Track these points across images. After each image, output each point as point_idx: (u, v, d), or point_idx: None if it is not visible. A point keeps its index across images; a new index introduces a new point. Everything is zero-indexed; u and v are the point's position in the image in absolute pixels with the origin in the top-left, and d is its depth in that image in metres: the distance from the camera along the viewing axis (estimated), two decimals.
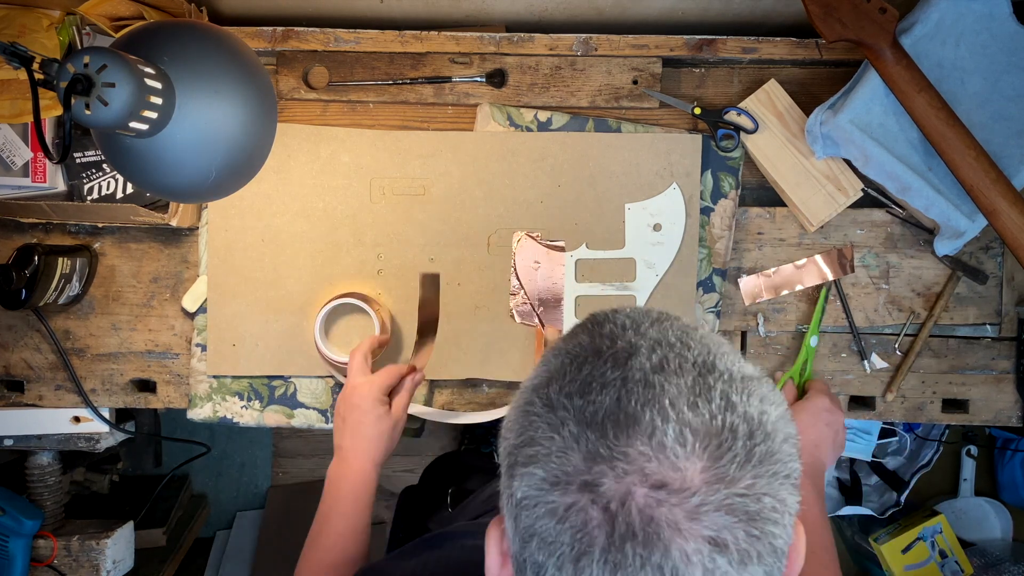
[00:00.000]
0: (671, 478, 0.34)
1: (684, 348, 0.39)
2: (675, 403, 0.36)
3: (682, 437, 0.35)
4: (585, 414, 0.36)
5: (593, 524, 0.35)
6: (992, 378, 0.93)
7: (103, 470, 1.35)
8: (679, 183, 0.89)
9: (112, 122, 0.56)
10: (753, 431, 0.36)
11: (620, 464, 0.35)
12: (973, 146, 0.79)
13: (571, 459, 0.36)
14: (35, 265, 0.82)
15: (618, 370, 0.38)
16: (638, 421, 0.35)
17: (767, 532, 0.35)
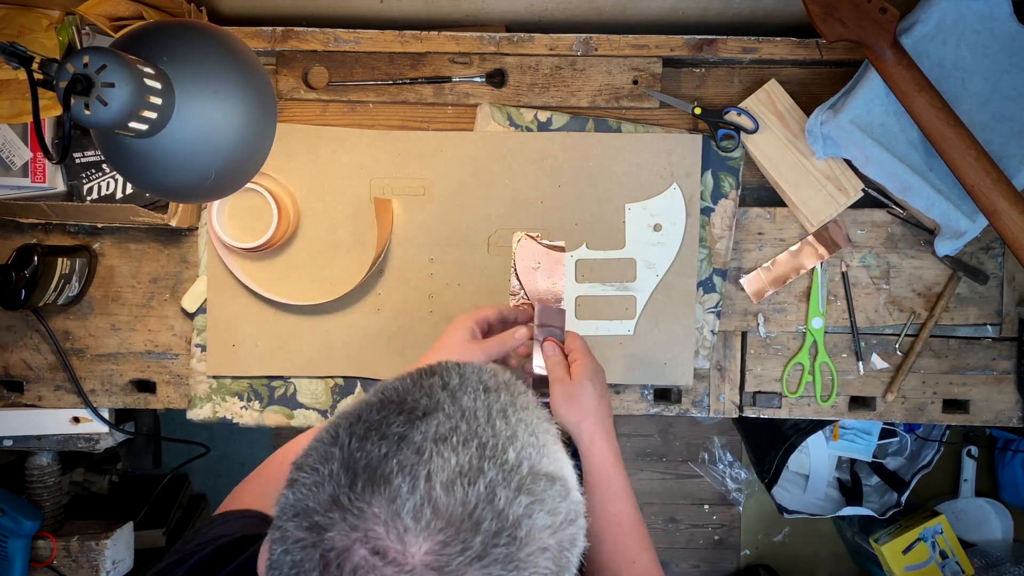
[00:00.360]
0: (392, 549, 0.34)
1: (487, 425, 0.38)
2: (432, 477, 0.35)
3: (420, 513, 0.34)
4: (352, 459, 0.37)
5: (310, 566, 0.35)
6: (993, 378, 0.93)
7: (103, 471, 1.34)
8: (679, 183, 0.89)
9: (112, 122, 0.56)
10: (500, 531, 0.35)
11: (351, 519, 0.35)
12: (974, 146, 0.78)
13: (318, 496, 0.36)
14: (34, 265, 0.82)
15: (404, 427, 0.37)
16: (388, 482, 0.35)
17: None
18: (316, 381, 0.91)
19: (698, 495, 1.70)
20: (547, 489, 0.38)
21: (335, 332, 0.89)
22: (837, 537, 1.67)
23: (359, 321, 0.89)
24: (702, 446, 1.70)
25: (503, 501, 0.36)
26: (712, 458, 1.70)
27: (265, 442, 1.70)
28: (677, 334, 0.89)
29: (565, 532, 0.38)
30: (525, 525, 0.36)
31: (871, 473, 1.45)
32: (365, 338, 0.89)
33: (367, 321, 0.89)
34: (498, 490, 0.36)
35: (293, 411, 0.91)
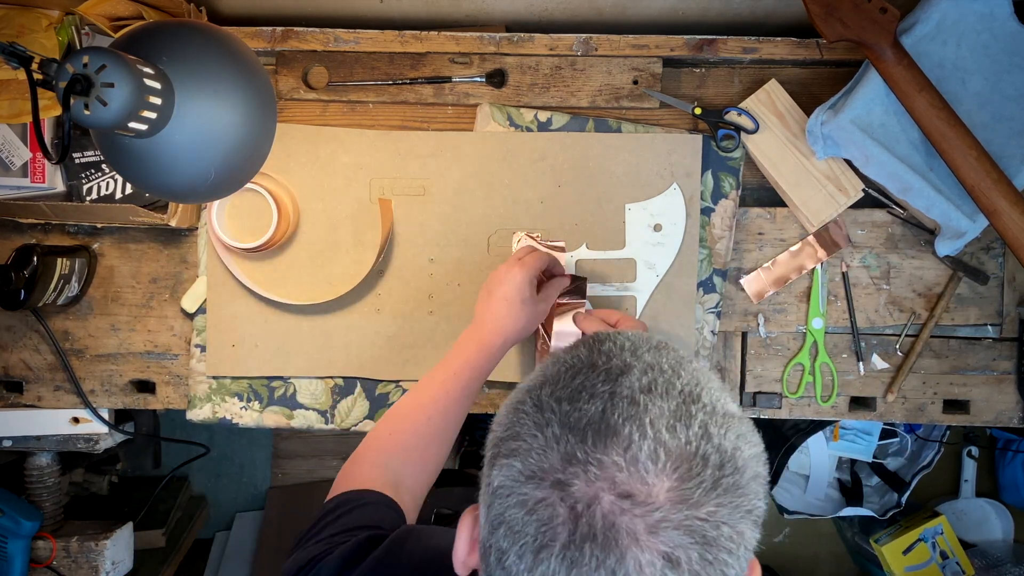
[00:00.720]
0: (638, 490, 0.36)
1: (674, 376, 0.41)
2: (655, 423, 0.38)
3: (655, 455, 0.37)
4: (570, 419, 0.39)
5: (558, 520, 0.37)
6: (993, 379, 0.92)
7: (102, 471, 1.34)
8: (679, 183, 0.89)
9: (111, 122, 0.56)
10: (724, 463, 0.38)
11: (593, 469, 0.37)
12: (974, 146, 0.78)
13: (549, 457, 0.38)
14: (34, 266, 0.82)
15: (608, 384, 0.40)
16: (617, 433, 0.37)
17: (720, 559, 0.37)
18: (316, 381, 0.90)
19: None
20: (740, 424, 0.41)
21: (335, 332, 0.89)
22: (837, 538, 1.67)
23: (359, 321, 0.89)
24: None
25: (717, 437, 0.38)
26: None
27: (265, 442, 1.70)
28: (677, 334, 0.89)
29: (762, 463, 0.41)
30: (739, 456, 0.39)
31: (871, 473, 1.45)
32: (365, 338, 0.89)
33: (367, 321, 0.89)
34: (710, 428, 0.39)
35: (293, 411, 0.91)
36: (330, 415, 0.91)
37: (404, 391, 0.90)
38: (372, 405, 0.90)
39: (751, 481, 0.39)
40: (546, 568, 0.37)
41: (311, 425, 0.91)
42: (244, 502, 1.69)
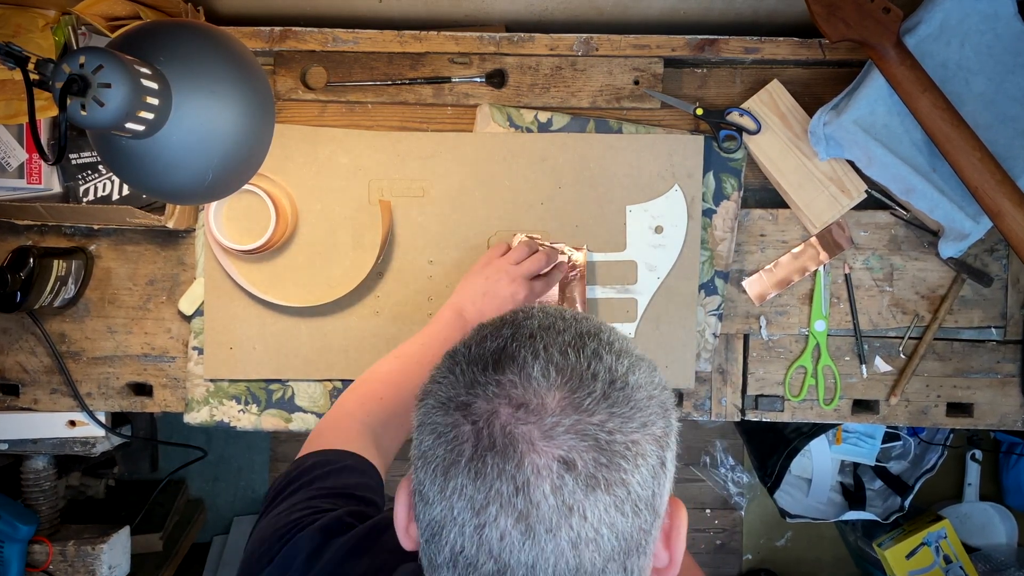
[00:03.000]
0: (531, 401, 0.40)
1: (575, 321, 0.45)
2: (548, 348, 0.42)
3: (547, 371, 0.40)
4: (474, 355, 0.43)
5: (463, 439, 0.40)
6: (997, 381, 0.92)
7: (99, 475, 1.34)
8: (681, 185, 0.88)
9: (108, 123, 0.55)
10: (614, 380, 0.41)
11: (492, 388, 0.40)
12: (978, 147, 0.78)
13: (456, 388, 0.42)
14: (30, 267, 0.81)
15: (511, 328, 0.44)
16: (514, 358, 0.41)
17: (616, 464, 0.39)
18: (314, 384, 0.90)
19: (700, 499, 1.69)
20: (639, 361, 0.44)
21: (333, 335, 0.88)
22: (840, 541, 1.66)
23: (358, 323, 0.89)
24: (704, 450, 1.69)
25: (608, 360, 0.42)
26: (714, 462, 1.69)
27: (263, 445, 1.69)
28: (678, 337, 0.89)
29: (664, 394, 0.43)
30: (631, 377, 0.42)
31: (874, 477, 1.44)
32: (364, 340, 0.89)
33: (366, 323, 0.89)
34: (602, 353, 0.42)
35: (291, 414, 0.90)
36: None
37: None
38: None
39: (645, 400, 0.41)
40: (455, 484, 0.39)
41: (310, 428, 0.90)
42: (242, 506, 1.68)
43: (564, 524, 0.38)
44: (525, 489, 0.38)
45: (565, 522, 0.38)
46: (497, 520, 0.38)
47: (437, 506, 0.40)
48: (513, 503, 0.38)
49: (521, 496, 0.38)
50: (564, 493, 0.38)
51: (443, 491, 0.40)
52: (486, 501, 0.38)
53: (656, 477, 0.41)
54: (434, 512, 0.40)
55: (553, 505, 0.38)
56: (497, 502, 0.38)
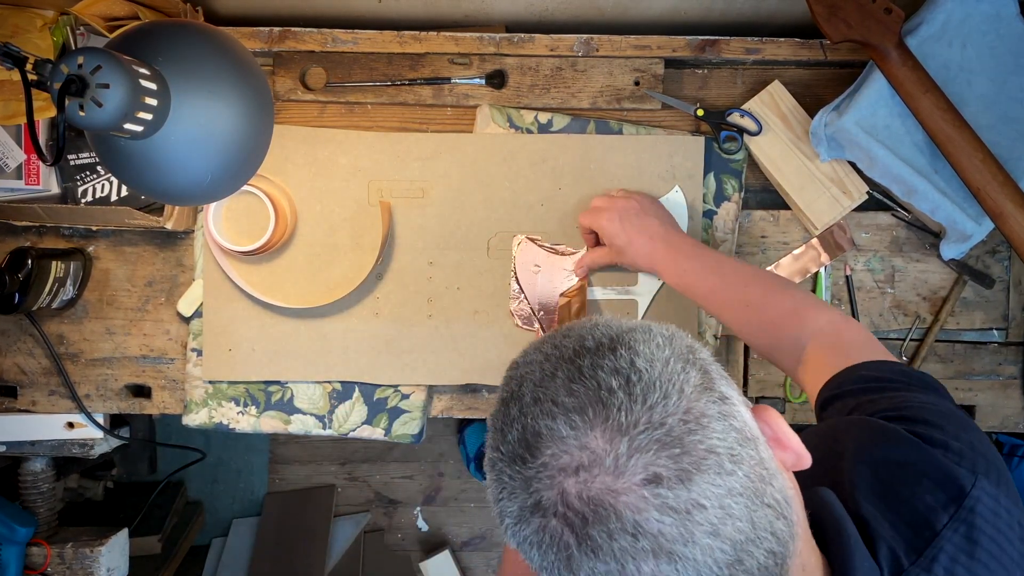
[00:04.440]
0: (582, 458, 0.38)
1: (557, 351, 0.43)
2: (556, 400, 0.40)
3: (571, 422, 0.39)
4: (509, 455, 0.41)
5: (559, 534, 0.39)
6: (999, 383, 0.92)
7: (97, 476, 1.33)
8: (681, 186, 0.88)
9: (106, 124, 0.55)
10: (628, 377, 0.40)
11: (544, 473, 0.39)
12: (980, 148, 0.78)
13: (517, 495, 0.41)
14: (28, 269, 0.81)
15: (516, 405, 0.42)
16: (540, 435, 0.40)
17: (688, 444, 0.38)
18: (313, 386, 0.89)
19: None
20: (631, 336, 0.42)
21: (333, 336, 0.88)
22: None
23: (357, 325, 0.88)
24: None
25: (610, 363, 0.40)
26: None
27: (262, 447, 1.69)
28: None
29: (675, 344, 0.42)
30: (639, 361, 0.40)
31: None
32: (363, 342, 0.88)
33: (365, 325, 0.88)
34: (600, 361, 0.41)
35: (290, 416, 0.89)
36: (328, 420, 0.89)
37: (403, 396, 0.89)
38: (370, 410, 0.89)
39: (663, 368, 0.40)
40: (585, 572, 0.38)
41: (309, 430, 0.90)
42: (241, 508, 1.68)
43: (693, 527, 0.37)
44: (640, 530, 0.37)
45: (692, 526, 0.37)
46: (640, 570, 0.37)
47: None
48: (641, 547, 0.37)
49: (643, 538, 0.37)
50: (670, 504, 0.37)
51: None
52: (620, 564, 0.37)
53: (728, 416, 0.40)
54: None
55: (672, 522, 0.37)
56: (627, 558, 0.37)
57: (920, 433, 0.52)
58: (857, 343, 0.65)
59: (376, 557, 1.62)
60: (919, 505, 0.48)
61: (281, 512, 1.63)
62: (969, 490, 0.48)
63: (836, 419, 0.56)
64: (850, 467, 0.51)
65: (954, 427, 0.52)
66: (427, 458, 1.70)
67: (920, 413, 0.54)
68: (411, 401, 0.89)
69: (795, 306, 0.71)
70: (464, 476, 1.69)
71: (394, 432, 0.90)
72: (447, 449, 1.70)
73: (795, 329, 0.69)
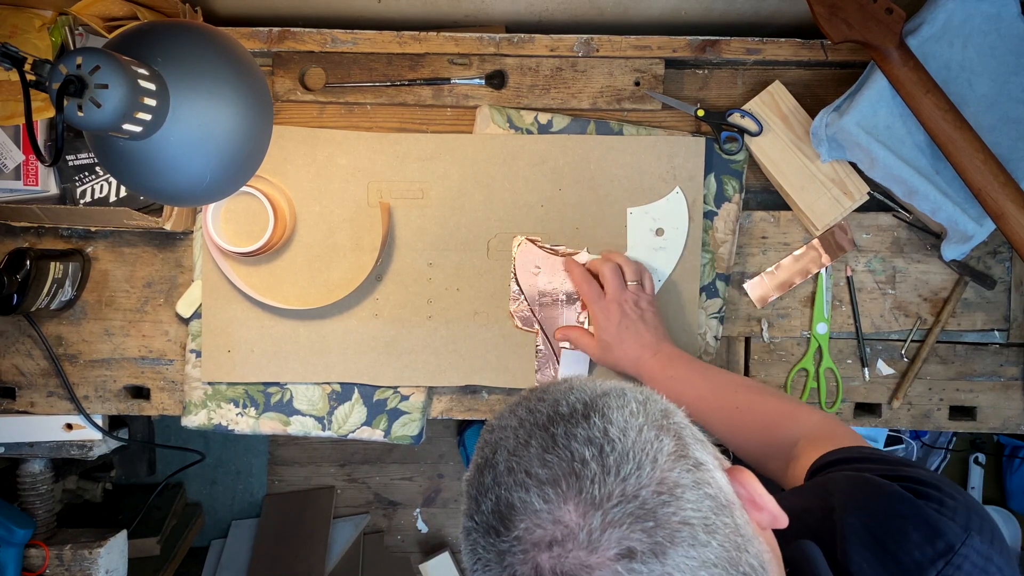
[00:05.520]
0: (555, 532, 0.38)
1: (531, 416, 0.43)
2: (530, 471, 0.40)
3: (544, 494, 0.39)
4: (483, 526, 0.41)
5: None
6: (1000, 385, 0.91)
7: (96, 478, 1.33)
8: (682, 187, 0.87)
9: (105, 124, 0.55)
10: (601, 447, 0.39)
11: (517, 547, 0.39)
12: (981, 149, 0.77)
13: (491, 568, 0.40)
14: (27, 270, 0.81)
15: (490, 473, 0.42)
16: (513, 506, 0.40)
17: (662, 517, 0.37)
18: (313, 387, 0.89)
19: None
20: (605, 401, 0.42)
21: (332, 337, 0.88)
22: None
23: (357, 326, 0.88)
24: None
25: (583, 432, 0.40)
26: None
27: (261, 449, 1.68)
28: (680, 340, 0.88)
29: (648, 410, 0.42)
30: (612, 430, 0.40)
31: None
32: (363, 343, 0.88)
33: (365, 326, 0.88)
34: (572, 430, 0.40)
35: (289, 418, 0.89)
36: (327, 421, 0.89)
37: (403, 397, 0.89)
38: (369, 411, 0.89)
39: (636, 437, 0.40)
40: None
41: (308, 431, 0.90)
42: (240, 509, 1.68)
43: None
44: None
45: None
46: None
47: None
48: None
49: None
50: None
51: None
52: None
53: (701, 485, 0.39)
54: None
55: None
56: None
57: (914, 489, 0.52)
58: (849, 437, 0.64)
59: (375, 559, 1.61)
60: (907, 560, 0.48)
61: (280, 514, 1.63)
62: (959, 547, 0.48)
63: (830, 475, 0.56)
64: (841, 519, 0.51)
65: (949, 488, 0.53)
66: (427, 459, 1.70)
67: (916, 473, 0.54)
68: (411, 402, 0.89)
69: (787, 408, 0.71)
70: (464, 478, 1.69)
71: (394, 433, 0.90)
72: (447, 450, 1.70)
73: (788, 429, 0.69)
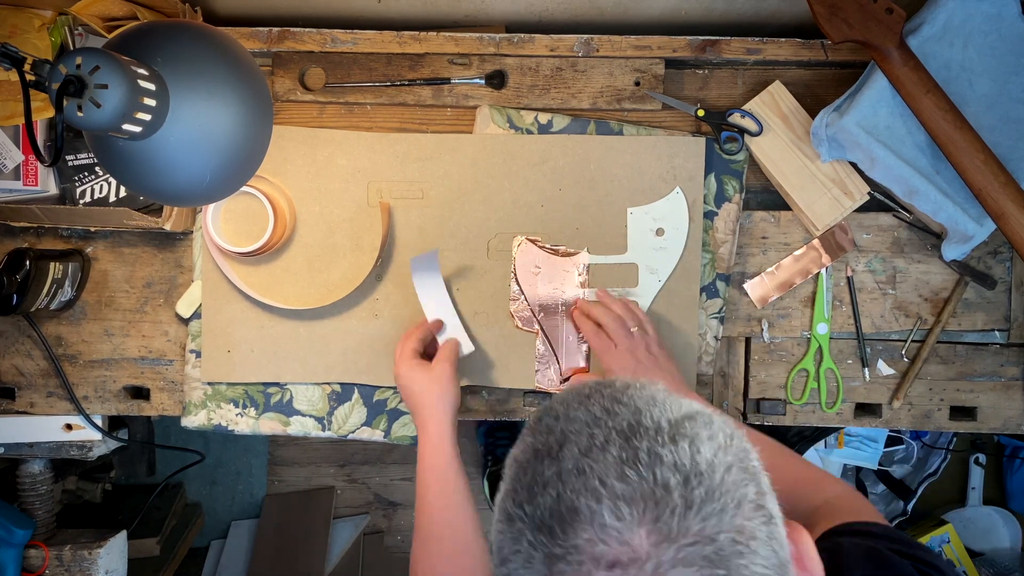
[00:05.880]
0: (620, 553, 0.36)
1: (610, 418, 0.40)
2: (605, 481, 0.37)
3: (618, 511, 0.36)
4: (535, 520, 0.38)
5: None
6: (1001, 385, 0.91)
7: (95, 478, 1.33)
8: (682, 187, 0.87)
9: (105, 124, 0.54)
10: (688, 477, 0.37)
11: (574, 557, 0.36)
12: (981, 149, 0.77)
13: (536, 567, 0.38)
14: (26, 270, 0.80)
15: (553, 465, 0.39)
16: (578, 512, 0.37)
17: (734, 566, 0.36)
18: (313, 387, 0.89)
19: None
20: (693, 426, 0.40)
21: (332, 338, 0.88)
22: None
23: (357, 326, 0.88)
24: None
25: (670, 456, 0.37)
26: None
27: (261, 449, 1.68)
28: (680, 340, 0.88)
29: (733, 447, 0.40)
30: (701, 460, 0.38)
31: (877, 481, 1.43)
32: (363, 344, 0.88)
33: (365, 326, 0.88)
34: (659, 451, 0.38)
35: (289, 418, 0.89)
36: (327, 422, 0.89)
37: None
38: (369, 411, 0.89)
39: (725, 474, 0.38)
40: None
41: (308, 432, 0.90)
42: (240, 510, 1.67)
43: None
44: None
45: None
46: None
47: None
48: None
49: None
50: None
51: None
52: None
53: (772, 539, 0.38)
54: None
55: None
56: None
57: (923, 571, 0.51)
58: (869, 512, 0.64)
59: (375, 559, 1.61)
60: None
61: (280, 514, 1.62)
62: None
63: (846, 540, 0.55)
64: None
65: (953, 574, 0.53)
66: None
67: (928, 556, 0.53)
68: None
69: (813, 475, 0.70)
70: None
71: (394, 434, 0.90)
72: None
73: (812, 496, 0.68)
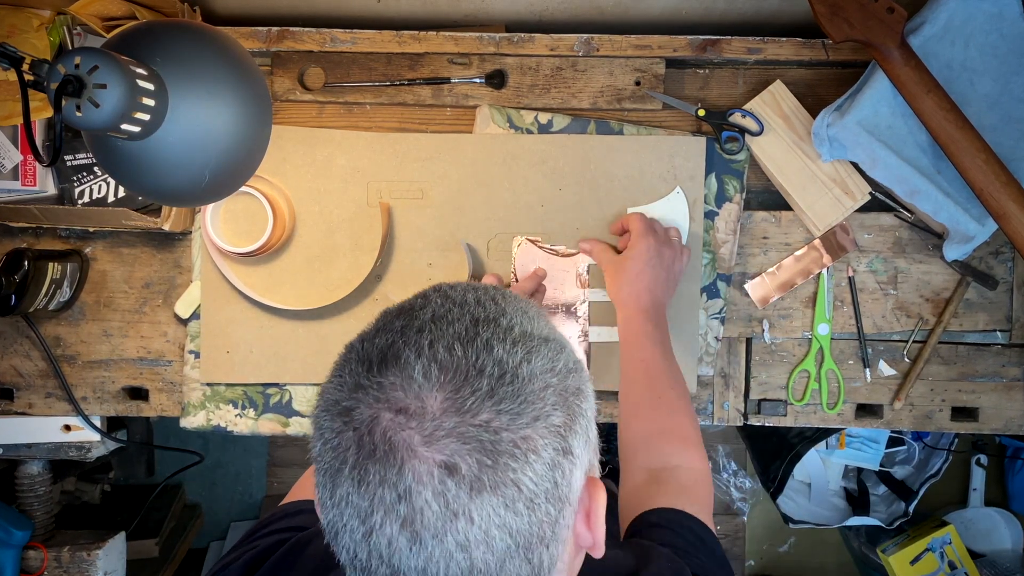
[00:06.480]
0: (412, 405, 0.38)
1: (476, 306, 0.43)
2: (434, 344, 0.40)
3: (428, 371, 0.39)
4: (363, 353, 0.42)
5: (346, 446, 0.39)
6: (1002, 385, 0.91)
7: (94, 479, 1.32)
8: (683, 187, 0.87)
9: (103, 124, 0.54)
10: (504, 373, 0.39)
11: (373, 392, 0.39)
12: (983, 148, 0.77)
13: (342, 391, 0.41)
14: (25, 270, 0.80)
15: (403, 319, 0.43)
16: (398, 358, 0.40)
17: (502, 463, 0.38)
18: (312, 388, 0.89)
19: None
20: (540, 345, 0.42)
21: (331, 338, 0.88)
22: (843, 547, 1.64)
23: (356, 327, 0.87)
24: None
25: (500, 351, 0.40)
26: (716, 467, 1.68)
27: (261, 450, 1.68)
28: (681, 340, 0.88)
29: (567, 379, 0.42)
30: (525, 368, 0.40)
31: (878, 482, 1.43)
32: None
33: (365, 327, 0.87)
34: (494, 344, 0.40)
35: (288, 419, 0.89)
36: None
37: None
38: None
39: (540, 390, 0.40)
40: (342, 491, 0.39)
41: (307, 433, 0.89)
42: (239, 511, 1.67)
43: (450, 529, 0.37)
44: (407, 496, 0.37)
45: (451, 527, 0.37)
46: (383, 527, 0.38)
47: (330, 511, 0.40)
48: (397, 510, 0.37)
49: (404, 503, 0.37)
50: (447, 498, 0.37)
51: (333, 497, 0.39)
52: (371, 509, 0.38)
53: (556, 468, 0.39)
54: (329, 516, 0.40)
55: (437, 511, 0.37)
56: (381, 510, 0.38)
57: None
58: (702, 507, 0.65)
59: None
60: None
61: None
62: None
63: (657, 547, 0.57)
64: None
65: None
66: None
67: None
68: None
69: (690, 435, 0.72)
70: None
71: None
72: None
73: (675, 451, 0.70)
